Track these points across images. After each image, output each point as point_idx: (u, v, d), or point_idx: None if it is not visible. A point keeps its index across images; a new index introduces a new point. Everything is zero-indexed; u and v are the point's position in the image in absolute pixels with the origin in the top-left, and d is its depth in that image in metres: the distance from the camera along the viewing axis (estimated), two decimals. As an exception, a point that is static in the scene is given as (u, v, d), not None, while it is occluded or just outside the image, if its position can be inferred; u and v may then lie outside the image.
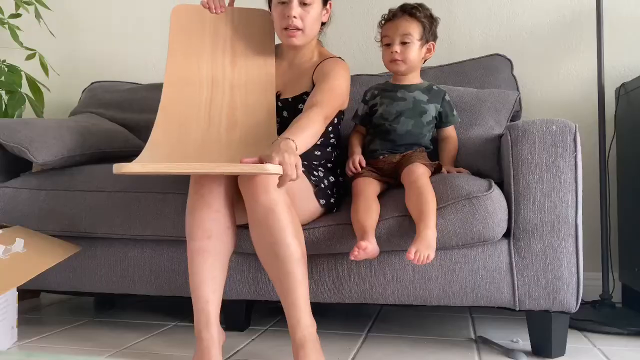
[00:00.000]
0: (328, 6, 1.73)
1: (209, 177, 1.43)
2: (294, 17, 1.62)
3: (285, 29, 1.65)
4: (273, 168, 1.27)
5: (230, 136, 1.59)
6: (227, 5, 1.84)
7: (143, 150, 1.52)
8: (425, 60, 1.78)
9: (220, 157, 1.51)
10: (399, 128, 1.70)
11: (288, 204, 1.39)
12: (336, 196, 1.68)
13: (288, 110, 1.70)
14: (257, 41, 1.80)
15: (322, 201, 1.61)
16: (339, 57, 1.74)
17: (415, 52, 1.70)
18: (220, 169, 1.32)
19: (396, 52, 1.70)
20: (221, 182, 1.43)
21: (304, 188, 1.55)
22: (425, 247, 1.38)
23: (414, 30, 1.69)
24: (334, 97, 1.60)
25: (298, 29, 1.65)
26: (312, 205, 1.58)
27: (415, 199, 1.48)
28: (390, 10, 1.74)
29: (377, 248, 1.46)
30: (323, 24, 1.77)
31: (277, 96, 1.73)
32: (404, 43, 1.69)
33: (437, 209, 1.47)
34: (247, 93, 1.70)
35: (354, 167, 1.68)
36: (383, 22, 1.75)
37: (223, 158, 1.50)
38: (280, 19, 1.66)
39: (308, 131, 1.46)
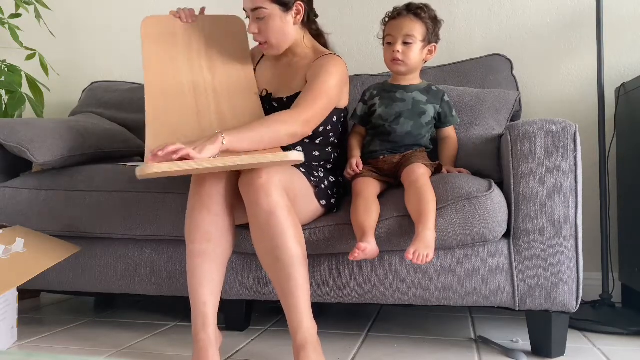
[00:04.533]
0: (297, 7, 1.65)
1: (208, 179, 1.43)
2: (254, 32, 1.66)
3: (259, 43, 1.70)
4: (296, 155, 1.32)
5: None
6: (197, 14, 1.84)
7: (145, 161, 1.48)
8: (425, 62, 1.77)
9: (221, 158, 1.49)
10: (399, 129, 1.70)
11: (289, 207, 1.39)
12: (336, 196, 1.68)
13: (284, 109, 1.69)
14: (231, 46, 1.81)
15: (323, 202, 1.61)
16: (334, 54, 1.71)
17: (416, 53, 1.69)
18: (244, 162, 1.33)
19: (398, 51, 1.68)
20: (221, 185, 1.44)
21: (304, 189, 1.55)
22: (424, 247, 1.38)
23: (417, 31, 1.67)
24: (317, 97, 1.57)
25: (265, 42, 1.68)
26: (313, 206, 1.58)
27: (415, 200, 1.48)
28: (395, 9, 1.72)
29: (376, 248, 1.46)
30: (308, 21, 1.72)
31: (269, 95, 1.72)
32: (406, 43, 1.68)
33: (437, 209, 1.47)
34: (232, 99, 1.69)
35: (352, 170, 1.68)
36: (387, 19, 1.74)
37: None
38: (251, 34, 1.71)
39: (256, 131, 1.46)
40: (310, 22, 1.75)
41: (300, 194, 1.52)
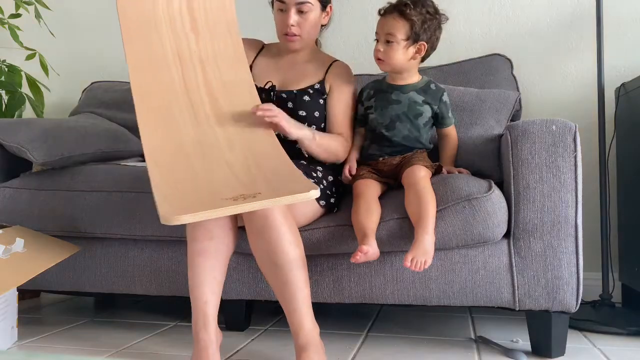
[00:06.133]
0: (328, 9, 1.75)
1: None
2: (292, 25, 1.66)
3: (285, 34, 1.69)
4: (314, 194, 1.24)
5: (226, 133, 1.50)
6: None
7: (147, 163, 1.40)
8: (422, 60, 1.70)
9: (228, 166, 1.41)
10: (396, 134, 1.67)
11: (284, 210, 1.39)
12: (336, 196, 1.68)
13: (293, 102, 1.70)
14: (215, 9, 1.66)
15: (322, 202, 1.61)
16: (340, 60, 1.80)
17: (399, 52, 1.63)
18: (263, 205, 1.25)
19: (379, 50, 1.65)
20: None
21: None
22: (422, 254, 1.38)
23: (399, 30, 1.61)
24: (349, 113, 1.75)
25: (296, 35, 1.68)
26: (311, 208, 1.58)
27: (414, 203, 1.48)
28: (386, 5, 1.68)
29: (377, 251, 1.46)
30: (323, 26, 1.79)
31: (273, 87, 1.72)
32: (388, 42, 1.63)
33: (437, 211, 1.46)
34: (220, 68, 1.60)
35: (344, 178, 1.69)
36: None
37: (233, 165, 1.41)
38: (279, 25, 1.71)
39: (327, 140, 1.66)
40: (323, 28, 1.81)
41: None
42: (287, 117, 1.52)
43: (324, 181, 1.64)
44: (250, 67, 1.77)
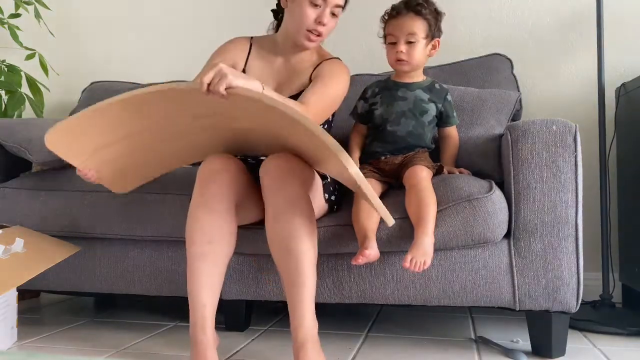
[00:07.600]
0: None
1: (213, 180, 1.42)
2: (324, 24, 1.60)
3: (309, 31, 1.60)
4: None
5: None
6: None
7: None
8: (430, 56, 1.72)
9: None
10: (400, 129, 1.68)
11: (308, 199, 1.40)
12: (337, 194, 1.68)
13: None
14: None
15: (326, 195, 1.61)
16: (338, 58, 1.72)
17: (420, 51, 1.66)
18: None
19: (402, 52, 1.65)
20: (226, 186, 1.42)
21: (316, 183, 1.55)
22: (421, 255, 1.38)
23: (419, 28, 1.64)
24: (325, 102, 1.58)
25: (320, 36, 1.62)
26: (319, 200, 1.58)
27: (415, 203, 1.48)
28: (393, 7, 1.68)
29: (377, 252, 1.46)
30: None
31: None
32: (409, 42, 1.65)
33: (437, 211, 1.46)
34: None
35: None
36: (386, 17, 1.70)
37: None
38: (308, 19, 1.59)
39: (284, 100, 1.40)
40: None
41: (313, 187, 1.52)
42: (234, 74, 1.27)
43: (328, 176, 1.64)
44: (243, 70, 1.71)
